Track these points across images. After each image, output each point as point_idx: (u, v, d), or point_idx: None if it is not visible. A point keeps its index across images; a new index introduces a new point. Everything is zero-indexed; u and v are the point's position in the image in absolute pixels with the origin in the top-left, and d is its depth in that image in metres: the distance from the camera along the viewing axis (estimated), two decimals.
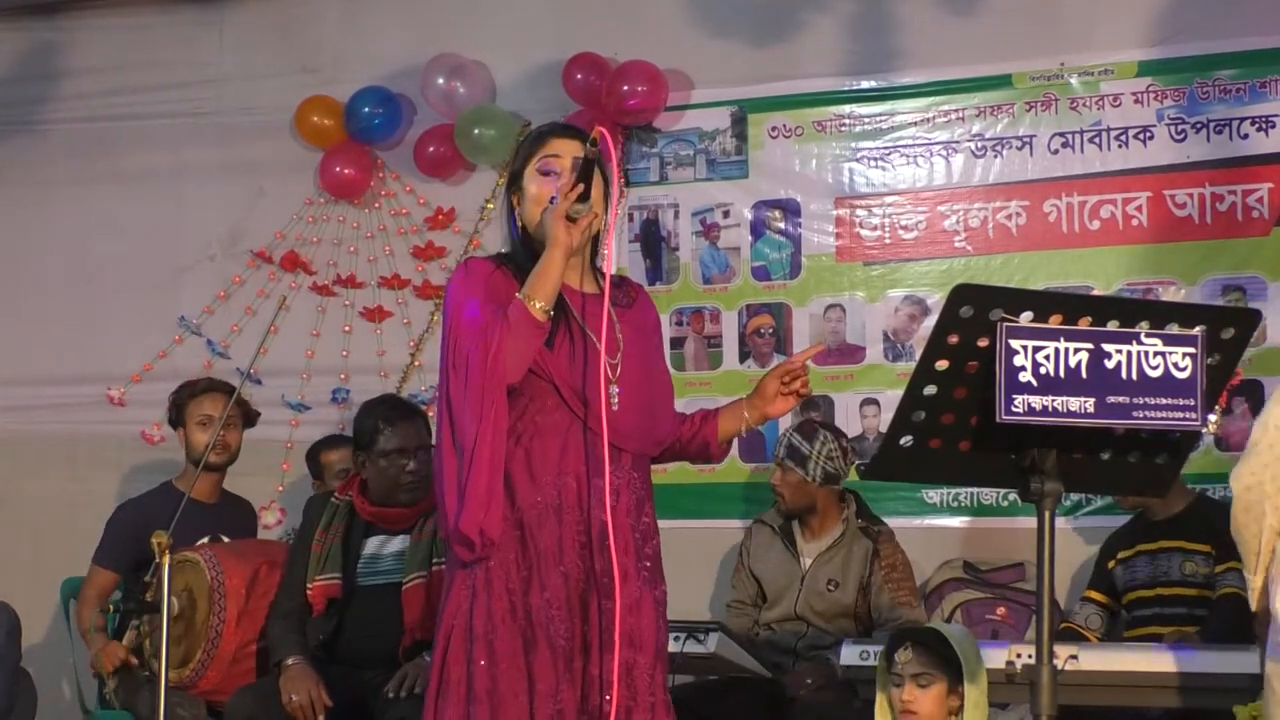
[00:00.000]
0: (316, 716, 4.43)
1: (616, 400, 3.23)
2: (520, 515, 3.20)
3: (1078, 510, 5.22)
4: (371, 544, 4.69)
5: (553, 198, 3.21)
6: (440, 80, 5.96)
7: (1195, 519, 4.69)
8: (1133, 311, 2.79)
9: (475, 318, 3.17)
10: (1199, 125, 5.25)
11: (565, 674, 3.15)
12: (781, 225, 5.71)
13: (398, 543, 4.66)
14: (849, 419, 5.51)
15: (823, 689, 4.61)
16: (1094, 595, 4.83)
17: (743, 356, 5.71)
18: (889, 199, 5.60)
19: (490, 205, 5.99)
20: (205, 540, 5.01)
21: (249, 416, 5.20)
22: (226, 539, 5.09)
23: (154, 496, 5.15)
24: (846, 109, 5.65)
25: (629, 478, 3.27)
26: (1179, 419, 2.77)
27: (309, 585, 4.64)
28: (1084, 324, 2.74)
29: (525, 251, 3.30)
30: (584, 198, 3.18)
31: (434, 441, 3.31)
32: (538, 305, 3.13)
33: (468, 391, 3.14)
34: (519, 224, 3.34)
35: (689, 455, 3.51)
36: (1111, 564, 4.81)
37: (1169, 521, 4.71)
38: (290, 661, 4.52)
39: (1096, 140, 5.36)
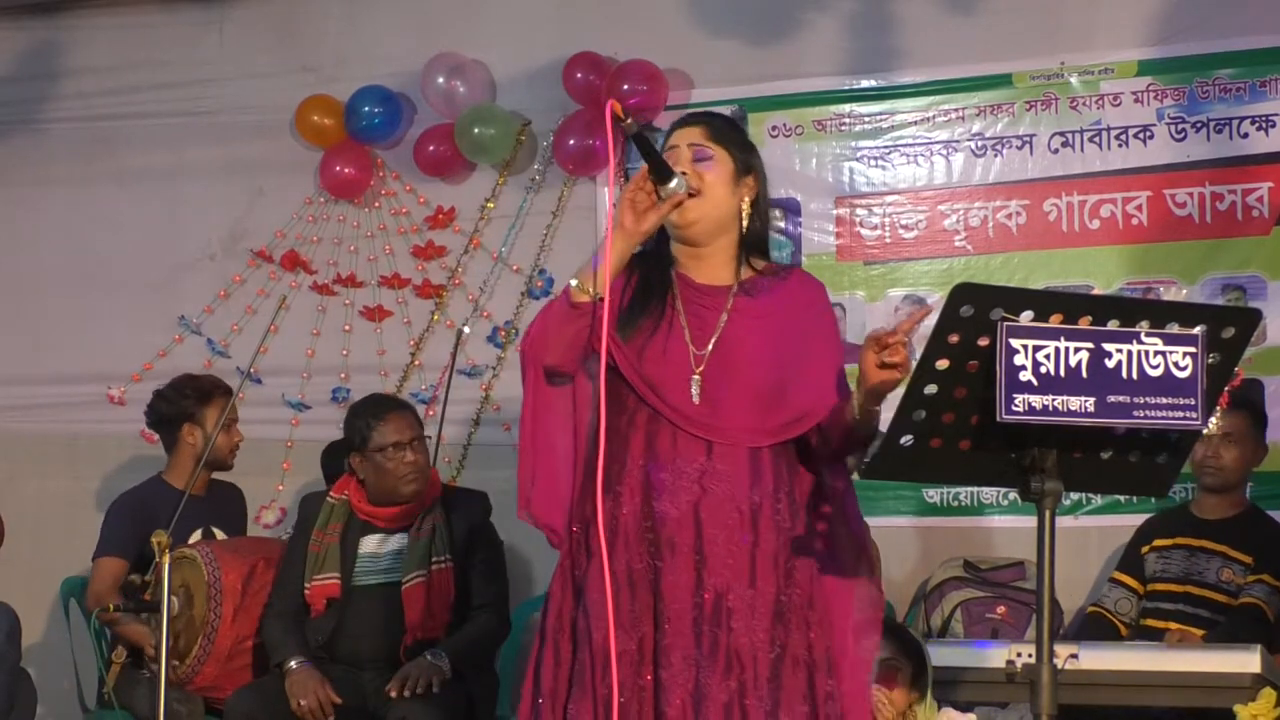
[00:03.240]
0: (326, 717, 4.44)
1: (699, 394, 3.11)
2: (590, 517, 3.09)
3: (1078, 510, 5.22)
4: (369, 543, 4.69)
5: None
6: (440, 80, 5.96)
7: (1245, 527, 4.67)
8: (1133, 311, 2.78)
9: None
10: (1199, 125, 5.25)
11: (631, 682, 3.02)
12: (782, 224, 5.70)
13: (395, 541, 4.66)
14: None
15: None
16: (1124, 579, 4.80)
17: None
18: (889, 198, 5.60)
19: (491, 205, 5.99)
20: (198, 532, 5.05)
21: None
22: (217, 530, 5.11)
23: (147, 490, 5.15)
24: (847, 108, 5.65)
25: (713, 468, 3.09)
26: (1179, 418, 2.77)
27: (307, 586, 4.64)
28: (1084, 323, 2.74)
29: (658, 242, 3.18)
30: (665, 177, 3.02)
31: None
32: (584, 289, 3.03)
33: (523, 387, 3.15)
34: None
35: (836, 443, 3.16)
36: (1146, 549, 4.77)
37: (1218, 523, 4.69)
38: (293, 664, 4.51)
39: (1096, 140, 5.36)
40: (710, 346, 3.14)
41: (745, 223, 3.20)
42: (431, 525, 4.62)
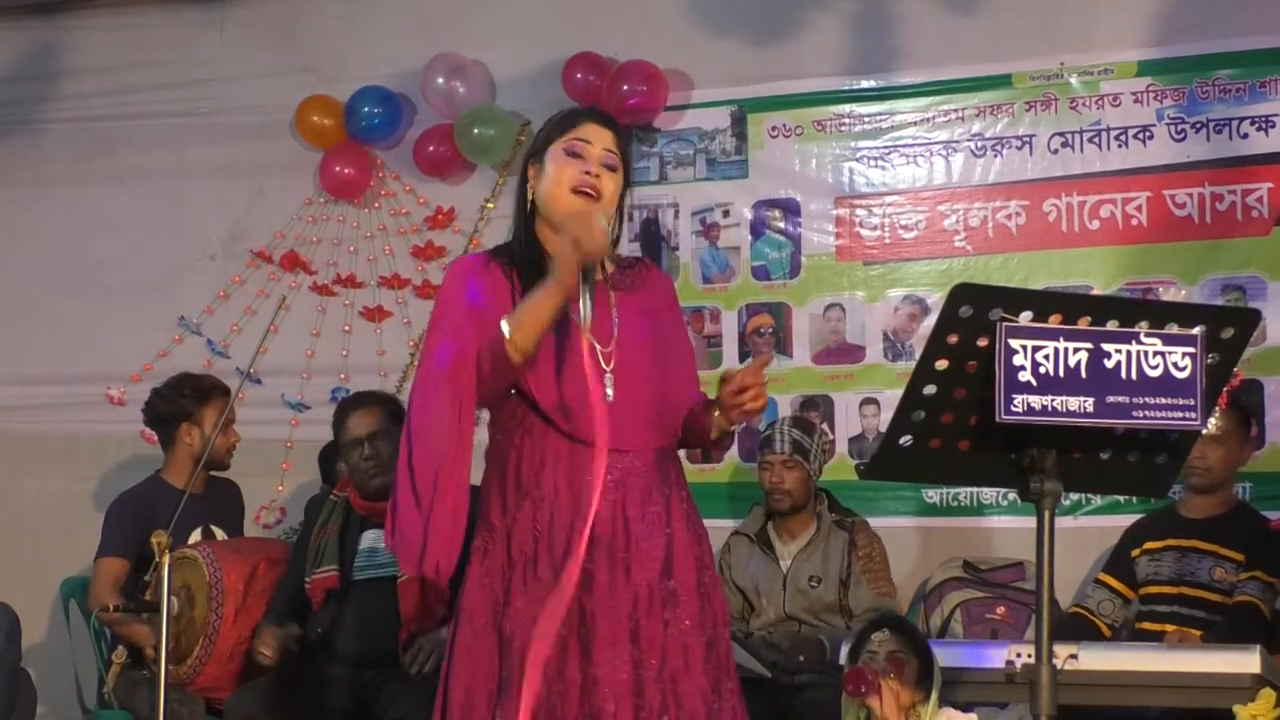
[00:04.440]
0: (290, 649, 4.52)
1: (612, 392, 3.12)
2: (509, 525, 3.13)
3: (1078, 510, 5.22)
4: (367, 538, 4.71)
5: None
6: (440, 80, 5.96)
7: (1234, 525, 4.64)
8: (1132, 311, 2.79)
9: (448, 353, 3.06)
10: (1199, 125, 5.25)
11: (554, 681, 3.03)
12: (781, 225, 5.71)
13: None
14: (849, 419, 5.52)
15: (811, 670, 4.67)
16: (1110, 581, 4.78)
17: (743, 356, 5.70)
18: (889, 198, 5.59)
19: (490, 205, 5.99)
20: (198, 531, 5.05)
21: None
22: (216, 528, 5.12)
23: (146, 489, 5.16)
24: (846, 108, 5.65)
25: (630, 465, 3.14)
26: (1179, 419, 2.77)
27: (307, 579, 4.68)
28: (1083, 324, 2.74)
29: (528, 233, 3.20)
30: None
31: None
32: (525, 349, 3.02)
33: (431, 428, 3.05)
34: (530, 197, 3.21)
35: (689, 444, 3.33)
36: (1136, 552, 4.76)
37: (1207, 522, 4.67)
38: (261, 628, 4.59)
39: (1096, 140, 5.36)
40: (613, 345, 3.17)
41: (615, 231, 3.24)
42: None
